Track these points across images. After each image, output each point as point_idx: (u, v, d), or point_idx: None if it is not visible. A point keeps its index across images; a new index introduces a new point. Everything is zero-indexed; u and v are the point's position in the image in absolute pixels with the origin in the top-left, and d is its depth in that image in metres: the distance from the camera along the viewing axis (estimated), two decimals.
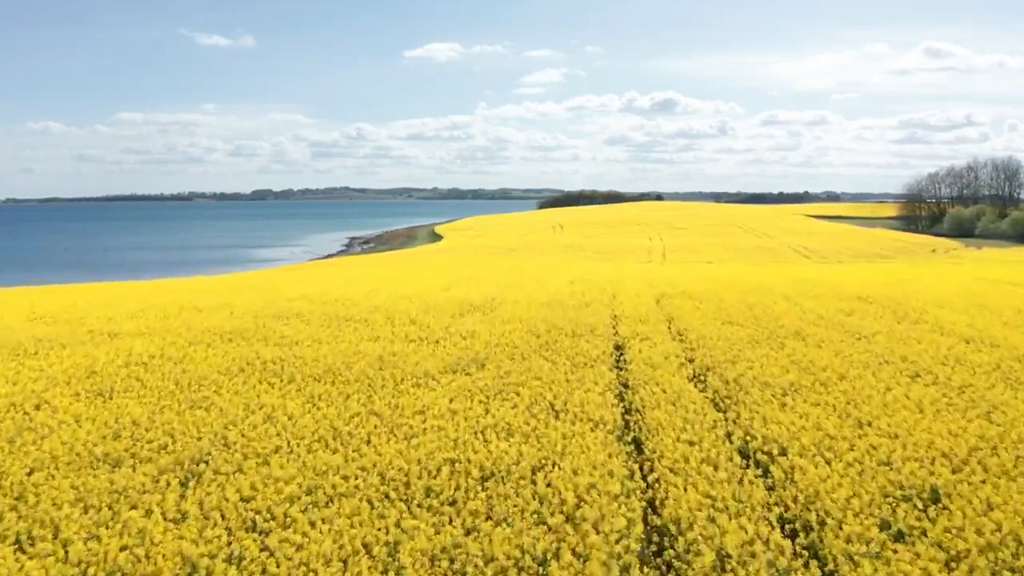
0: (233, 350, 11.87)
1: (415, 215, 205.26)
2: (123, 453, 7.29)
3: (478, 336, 12.81)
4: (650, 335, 13.13)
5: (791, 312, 16.04)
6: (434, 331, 13.42)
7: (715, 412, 8.46)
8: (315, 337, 12.92)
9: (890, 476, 6.50)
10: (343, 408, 8.52)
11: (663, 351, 11.71)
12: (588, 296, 18.45)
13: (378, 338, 12.87)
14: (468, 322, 14.34)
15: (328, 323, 14.40)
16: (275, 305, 16.72)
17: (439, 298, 18.00)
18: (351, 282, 22.57)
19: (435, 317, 14.98)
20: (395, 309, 15.98)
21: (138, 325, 14.38)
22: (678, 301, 17.93)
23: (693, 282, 22.91)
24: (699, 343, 12.50)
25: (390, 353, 11.39)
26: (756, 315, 15.25)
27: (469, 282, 22.22)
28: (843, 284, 22.25)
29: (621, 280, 24.15)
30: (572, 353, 11.36)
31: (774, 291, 20.12)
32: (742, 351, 11.68)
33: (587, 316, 14.95)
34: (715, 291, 19.95)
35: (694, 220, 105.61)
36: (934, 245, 70.99)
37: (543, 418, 8.09)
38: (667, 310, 16.53)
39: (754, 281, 23.77)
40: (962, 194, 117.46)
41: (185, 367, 10.61)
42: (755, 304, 17.11)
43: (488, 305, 16.83)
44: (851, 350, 11.80)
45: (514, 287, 20.76)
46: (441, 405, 8.54)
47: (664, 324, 14.64)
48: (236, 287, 21.45)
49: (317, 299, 17.92)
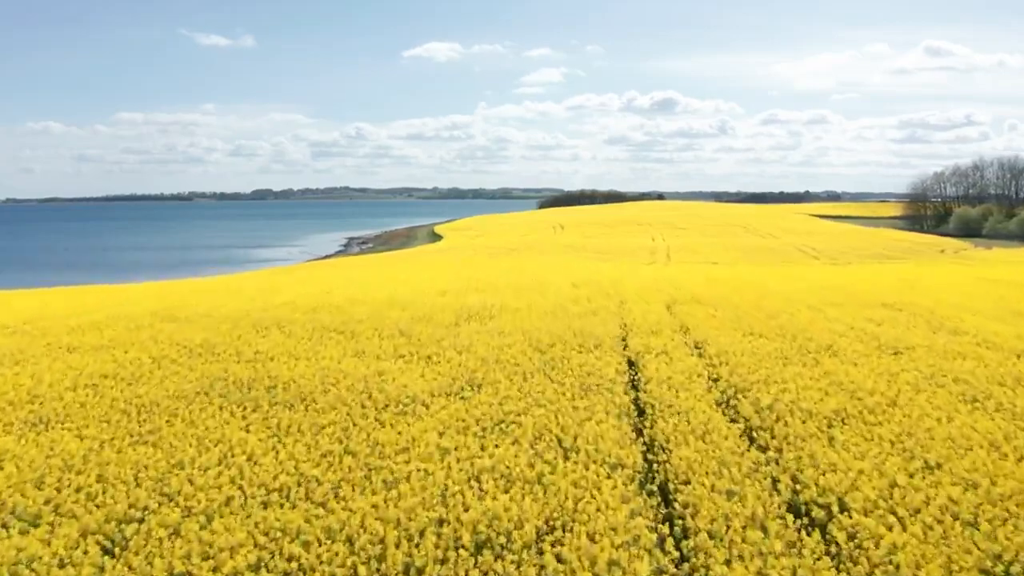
0: (200, 367, 10.59)
1: (415, 215, 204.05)
2: (43, 507, 6.02)
3: (474, 350, 11.53)
4: (666, 349, 11.85)
5: (816, 321, 14.75)
6: (426, 345, 12.13)
7: (753, 450, 7.17)
8: (293, 352, 11.63)
9: (982, 542, 5.22)
10: (313, 445, 7.24)
11: (682, 369, 10.43)
12: (594, 302, 17.16)
13: (363, 353, 11.59)
14: (464, 333, 13.06)
15: (310, 335, 13.11)
16: (256, 313, 15.43)
17: (434, 304, 16.72)
18: (341, 286, 21.31)
19: (428, 327, 13.69)
20: (385, 318, 14.70)
21: (101, 337, 13.09)
22: (691, 308, 16.63)
23: (704, 286, 21.61)
24: (721, 358, 11.21)
25: (375, 372, 10.11)
26: (780, 325, 13.95)
27: (467, 286, 20.94)
28: (863, 288, 20.95)
29: (627, 283, 22.85)
30: (580, 372, 10.07)
31: (792, 297, 18.83)
32: (772, 369, 10.39)
33: (594, 326, 13.66)
34: (729, 296, 18.65)
35: (696, 220, 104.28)
36: (942, 245, 69.64)
37: (550, 458, 6.81)
38: (680, 318, 15.24)
39: (768, 285, 22.48)
40: (968, 193, 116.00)
41: (139, 390, 9.33)
42: (776, 311, 15.82)
43: (486, 313, 15.54)
44: (893, 367, 10.51)
45: (514, 292, 19.47)
46: (429, 441, 7.25)
47: (679, 335, 13.35)
48: (220, 291, 20.19)
49: (302, 306, 16.63)
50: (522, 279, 23.53)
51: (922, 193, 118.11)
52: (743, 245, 66.44)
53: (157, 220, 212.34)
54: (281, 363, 10.82)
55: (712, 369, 10.70)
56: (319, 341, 12.57)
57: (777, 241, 72.65)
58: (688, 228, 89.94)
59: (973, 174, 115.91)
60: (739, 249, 62.36)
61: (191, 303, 17.71)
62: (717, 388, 9.73)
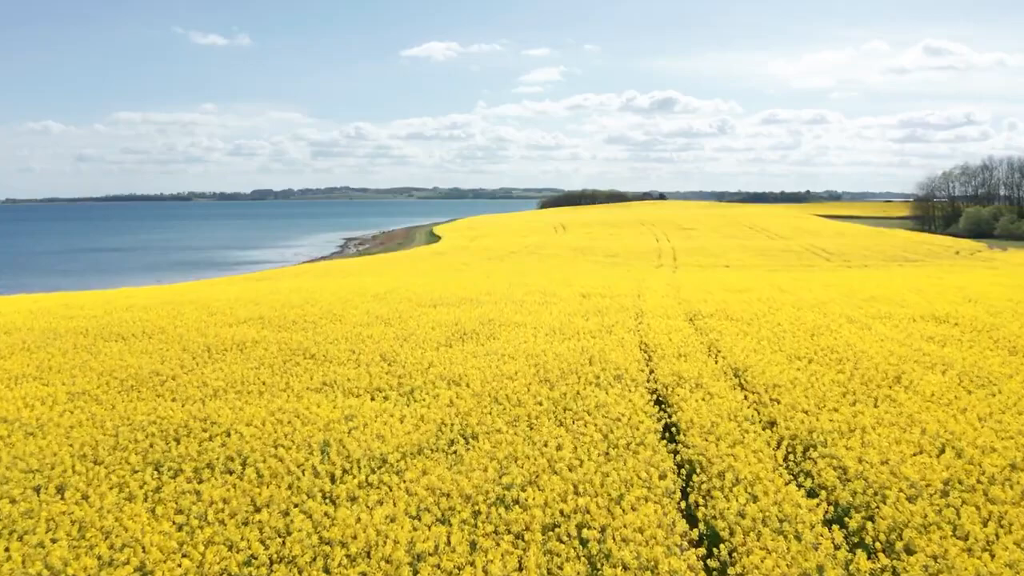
0: (124, 407, 8.49)
1: (415, 215, 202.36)
2: None
3: (469, 382, 9.43)
4: (700, 379, 9.75)
5: (866, 340, 12.66)
6: (410, 374, 10.03)
7: (860, 557, 5.04)
8: (247, 384, 9.53)
9: None
10: (236, 544, 5.14)
11: (726, 410, 8.33)
12: (607, 317, 15.05)
13: (333, 385, 9.49)
14: (457, 358, 10.96)
15: (274, 360, 11.02)
16: (218, 330, 13.34)
17: (424, 320, 14.63)
18: (324, 297, 19.22)
19: (414, 350, 11.60)
20: (366, 337, 12.61)
21: (27, 363, 10.99)
22: (718, 323, 14.53)
23: (726, 296, 19.49)
24: (770, 393, 9.12)
25: (343, 416, 8.01)
26: (828, 347, 11.85)
27: (463, 296, 18.84)
28: (905, 298, 18.83)
29: (641, 293, 20.75)
30: (602, 418, 7.96)
31: (827, 308, 16.72)
32: (839, 410, 8.30)
33: (611, 349, 11.56)
34: (757, 308, 16.55)
35: (701, 220, 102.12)
36: (956, 246, 67.43)
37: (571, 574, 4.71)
38: (709, 337, 13.14)
39: (796, 293, 20.36)
40: (977, 193, 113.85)
41: (40, 443, 7.24)
42: (815, 327, 13.73)
43: (484, 330, 13.45)
44: (987, 408, 8.41)
45: (516, 304, 17.37)
46: (398, 538, 5.14)
47: (711, 360, 11.25)
48: (186, 301, 18.09)
49: (274, 321, 14.54)
50: (524, 288, 21.41)
51: (931, 192, 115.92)
52: (753, 246, 64.25)
53: (154, 220, 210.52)
54: (228, 401, 8.72)
55: (762, 409, 8.61)
56: (283, 369, 10.47)
57: (787, 242, 70.47)
58: (694, 228, 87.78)
59: (983, 173, 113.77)
60: (749, 251, 60.19)
61: (149, 316, 15.61)
62: (773, 436, 7.64)
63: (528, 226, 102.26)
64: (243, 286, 26.52)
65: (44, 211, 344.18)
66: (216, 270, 67.21)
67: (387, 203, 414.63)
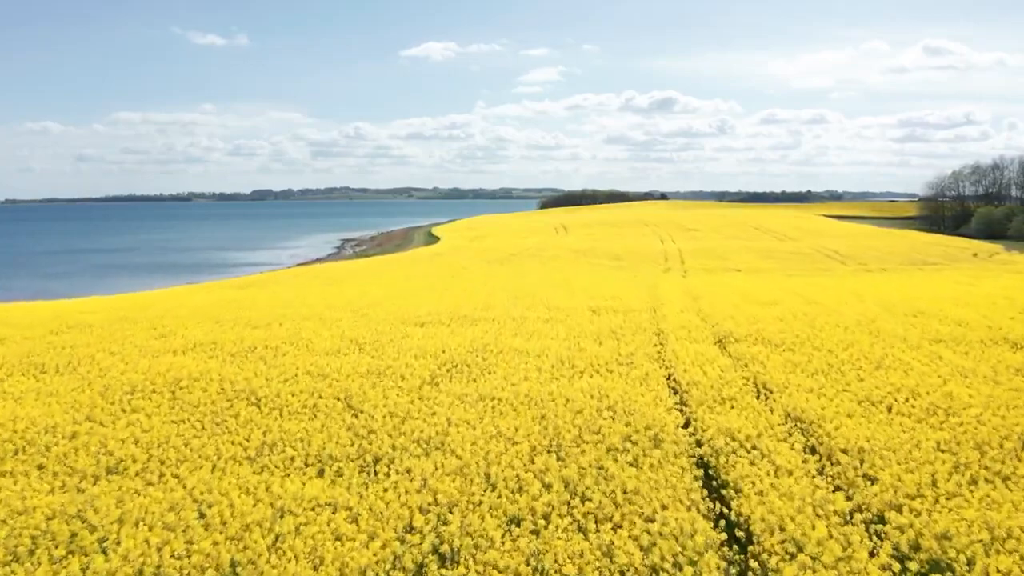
0: None
1: (415, 215, 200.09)
2: None
3: (452, 447, 7.11)
4: (757, 440, 7.43)
5: (940, 372, 10.36)
6: (378, 431, 7.69)
7: None
8: (159, 450, 7.21)
9: None
10: None
11: (800, 494, 6.01)
12: (624, 342, 12.72)
13: (272, 450, 7.17)
14: (441, 406, 8.64)
15: (210, 408, 8.69)
16: (154, 362, 11.01)
17: (407, 345, 12.30)
18: (300, 309, 16.91)
19: (389, 391, 9.28)
20: (333, 371, 10.29)
21: None
22: (756, 350, 12.21)
23: (754, 311, 17.12)
24: (856, 464, 6.80)
25: (269, 514, 5.69)
26: (905, 387, 9.50)
27: (455, 311, 16.52)
28: (954, 312, 16.42)
29: (656, 305, 18.41)
30: (636, 518, 5.62)
31: (879, 328, 14.34)
32: (962, 498, 5.97)
33: (635, 390, 9.23)
34: (796, 328, 14.21)
35: (704, 221, 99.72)
36: (973, 248, 64.93)
37: None
38: (750, 369, 10.80)
39: (832, 307, 18.00)
40: (987, 193, 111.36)
41: None
42: (880, 359, 11.39)
43: (477, 361, 11.13)
44: None
45: (516, 322, 15.05)
46: None
47: (762, 405, 8.92)
48: (140, 318, 15.75)
49: (228, 346, 12.23)
50: (526, 300, 19.07)
51: (939, 192, 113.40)
52: (762, 248, 61.82)
53: (153, 220, 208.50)
54: (121, 484, 6.40)
55: (856, 494, 6.27)
56: (216, 423, 8.15)
57: (795, 243, 68.06)
58: (698, 229, 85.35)
59: (993, 173, 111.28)
60: (758, 253, 57.79)
61: (85, 339, 13.31)
62: (882, 544, 5.31)
63: (528, 227, 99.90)
64: (218, 296, 24.18)
65: (44, 211, 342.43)
66: (207, 273, 64.88)
67: (387, 203, 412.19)
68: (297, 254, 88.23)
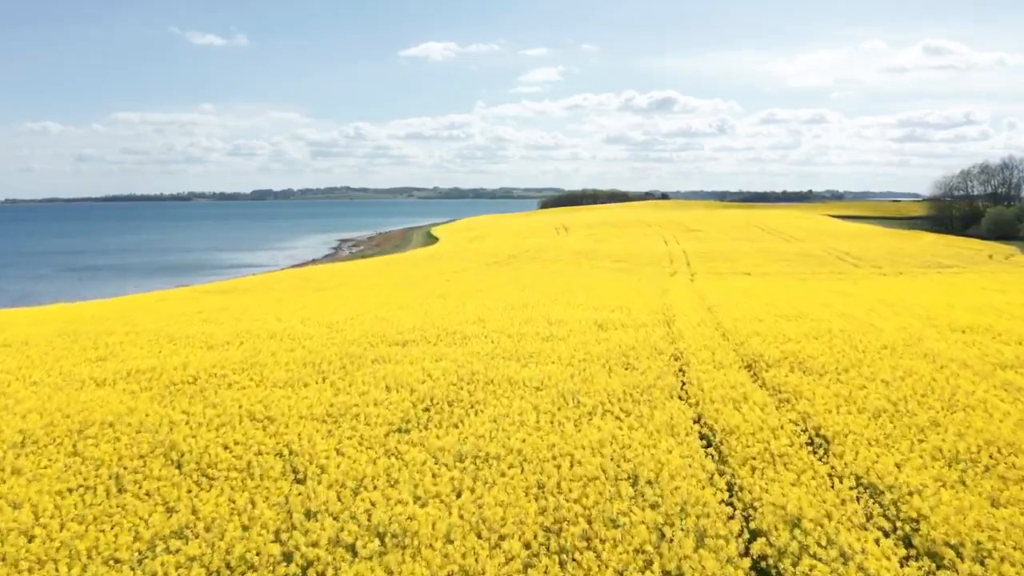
0: None
1: (415, 215, 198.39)
2: None
3: (418, 548, 5.17)
4: (826, 526, 5.49)
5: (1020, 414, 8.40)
6: (320, 514, 5.75)
7: None
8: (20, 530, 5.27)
9: None
10: None
11: None
12: (639, 370, 10.74)
13: (163, 555, 5.24)
14: (407, 473, 6.70)
15: (111, 468, 6.75)
16: (70, 397, 9.06)
17: (380, 375, 10.32)
18: (268, 324, 14.95)
19: (345, 445, 7.33)
20: (281, 413, 8.33)
21: None
22: (796, 380, 10.24)
23: (781, 326, 15.13)
24: (972, 570, 4.87)
25: None
26: (995, 436, 7.55)
27: (443, 327, 14.57)
28: (1012, 328, 14.46)
29: (670, 319, 16.44)
30: None
31: (933, 349, 12.37)
32: None
33: (659, 445, 7.28)
34: (836, 349, 12.25)
35: (708, 221, 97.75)
36: (987, 250, 62.92)
37: None
38: (795, 410, 8.83)
39: (868, 320, 16.00)
40: (996, 192, 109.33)
41: None
42: (949, 393, 9.43)
43: (461, 396, 9.18)
44: None
45: (511, 340, 13.09)
46: None
47: (822, 466, 6.97)
48: (82, 332, 13.80)
49: (167, 375, 10.27)
50: (524, 312, 17.10)
51: (947, 191, 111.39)
52: (770, 250, 59.83)
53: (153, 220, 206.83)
54: None
55: None
56: (109, 499, 6.20)
57: (803, 245, 66.06)
58: (702, 230, 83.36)
59: (1002, 172, 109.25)
60: (767, 254, 55.80)
61: (1, 364, 11.36)
62: None
63: (529, 227, 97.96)
64: (189, 305, 22.22)
65: (44, 211, 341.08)
66: (200, 275, 63.09)
67: (387, 203, 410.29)
68: (294, 255, 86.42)
